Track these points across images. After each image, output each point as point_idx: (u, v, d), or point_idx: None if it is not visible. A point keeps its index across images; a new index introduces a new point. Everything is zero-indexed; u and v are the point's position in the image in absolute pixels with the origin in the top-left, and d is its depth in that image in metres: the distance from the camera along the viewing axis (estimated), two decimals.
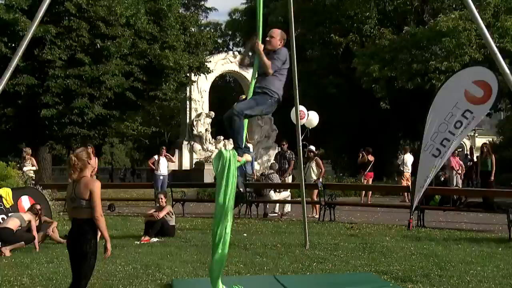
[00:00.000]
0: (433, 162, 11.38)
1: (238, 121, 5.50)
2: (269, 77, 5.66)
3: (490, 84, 10.75)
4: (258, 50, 5.68)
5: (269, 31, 5.90)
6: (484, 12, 22.88)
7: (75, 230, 4.80)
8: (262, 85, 5.65)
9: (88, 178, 4.85)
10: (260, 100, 5.62)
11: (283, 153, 16.24)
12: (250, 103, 5.62)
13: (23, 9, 18.42)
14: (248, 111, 5.61)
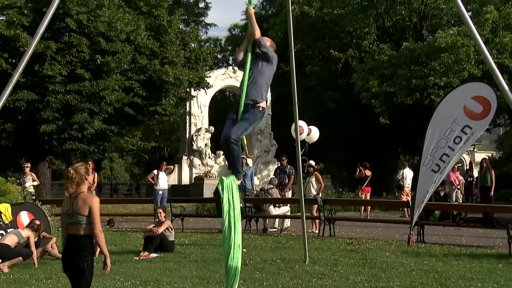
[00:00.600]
0: (433, 177, 11.37)
1: (237, 148, 5.51)
2: (258, 82, 5.66)
3: (489, 99, 10.78)
4: (249, 13, 5.76)
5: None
6: (482, 28, 23.00)
7: (72, 246, 4.76)
8: (253, 92, 5.62)
9: (86, 194, 4.83)
10: (251, 118, 5.61)
11: (283, 168, 16.24)
12: (243, 126, 5.59)
13: (24, 25, 18.51)
14: (244, 134, 5.65)
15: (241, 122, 5.58)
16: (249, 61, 5.70)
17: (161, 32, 22.53)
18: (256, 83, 5.65)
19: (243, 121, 5.59)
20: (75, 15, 18.77)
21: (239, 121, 5.58)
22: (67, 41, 19.21)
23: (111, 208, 19.34)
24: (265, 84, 5.72)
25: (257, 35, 5.69)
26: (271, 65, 5.76)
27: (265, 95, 5.75)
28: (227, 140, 5.46)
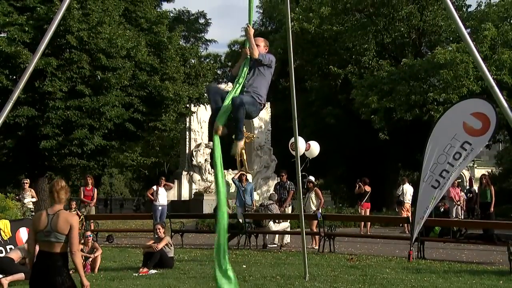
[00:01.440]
0: (433, 193, 11.37)
1: (243, 112, 5.60)
2: (258, 82, 5.81)
3: (488, 116, 10.81)
4: (248, 34, 5.88)
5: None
6: (481, 45, 23.13)
7: (49, 265, 4.69)
8: (252, 86, 5.78)
9: (66, 212, 4.81)
10: (253, 101, 5.73)
11: (283, 183, 16.25)
12: (249, 100, 5.68)
13: (25, 42, 18.59)
14: (247, 107, 5.65)
15: (247, 96, 5.70)
16: (245, 72, 5.82)
17: (161, 48, 22.62)
18: (255, 83, 5.80)
19: (248, 96, 5.71)
20: (76, 32, 18.84)
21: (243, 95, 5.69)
22: (68, 57, 19.26)
23: (111, 224, 19.30)
24: (265, 86, 5.88)
25: (256, 55, 5.80)
26: (270, 68, 5.93)
27: (263, 95, 5.86)
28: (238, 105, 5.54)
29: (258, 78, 5.84)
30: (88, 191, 17.02)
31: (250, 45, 5.81)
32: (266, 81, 5.90)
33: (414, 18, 28.03)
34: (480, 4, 27.65)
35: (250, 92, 5.75)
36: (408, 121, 24.89)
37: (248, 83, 5.79)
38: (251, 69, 5.85)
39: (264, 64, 5.84)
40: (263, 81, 5.86)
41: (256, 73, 5.84)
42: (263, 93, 5.84)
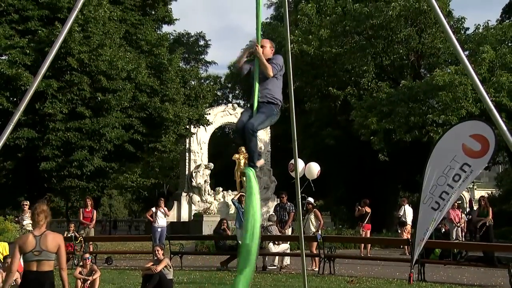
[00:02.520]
0: (433, 215, 11.34)
1: (255, 139, 5.67)
2: (271, 84, 5.84)
3: (487, 137, 10.83)
4: (258, 54, 5.86)
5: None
6: (479, 67, 23.24)
7: (44, 283, 4.93)
8: (266, 93, 5.80)
9: (52, 233, 5.02)
10: (268, 111, 5.77)
11: (283, 205, 16.21)
12: (261, 118, 5.73)
13: (26, 65, 18.69)
14: (261, 126, 5.75)
15: (258, 115, 5.72)
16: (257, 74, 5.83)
17: (162, 70, 22.77)
18: (268, 85, 5.82)
19: (259, 113, 5.72)
20: (76, 54, 18.98)
21: (256, 114, 5.71)
22: (69, 79, 19.37)
23: (110, 246, 19.20)
24: (279, 86, 5.90)
25: (271, 75, 5.82)
26: (281, 70, 5.96)
27: (279, 96, 5.89)
28: (244, 130, 5.59)
29: (272, 80, 5.87)
30: (88, 213, 16.96)
31: (263, 65, 5.81)
32: (280, 81, 5.94)
33: (412, 40, 28.22)
34: (478, 27, 27.86)
35: (265, 99, 5.77)
36: (408, 143, 24.91)
37: (262, 87, 5.82)
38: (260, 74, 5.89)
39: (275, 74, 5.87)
40: (277, 82, 5.90)
41: (269, 79, 5.85)
42: (279, 95, 5.89)
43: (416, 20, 27.88)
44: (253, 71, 5.95)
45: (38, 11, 19.53)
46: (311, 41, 29.75)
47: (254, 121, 5.65)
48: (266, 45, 6.01)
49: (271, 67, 5.84)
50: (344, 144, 30.31)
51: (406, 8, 26.73)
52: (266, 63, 5.82)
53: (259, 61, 5.89)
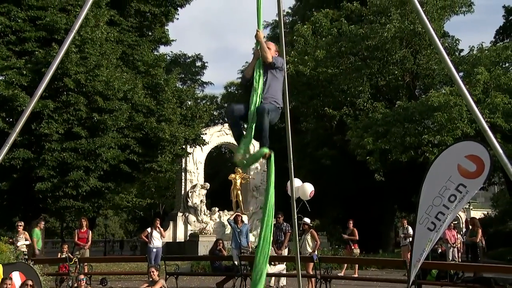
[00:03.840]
0: (429, 235, 11.31)
1: (268, 120, 5.74)
2: (274, 90, 5.97)
3: (482, 158, 10.84)
4: (259, 38, 5.99)
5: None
6: (474, 89, 23.42)
7: None
8: (269, 93, 5.92)
9: None
10: (274, 108, 5.89)
11: (279, 225, 16.15)
12: (271, 107, 5.83)
13: (22, 85, 18.71)
14: (270, 113, 5.80)
15: (269, 104, 5.82)
16: (260, 75, 5.94)
17: (158, 91, 22.83)
18: (271, 89, 5.94)
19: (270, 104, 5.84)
20: (73, 75, 19.02)
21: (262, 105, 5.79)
22: (65, 100, 19.38)
23: (105, 267, 19.07)
24: (279, 89, 6.05)
25: (270, 59, 5.94)
26: (282, 70, 6.09)
27: (280, 100, 6.04)
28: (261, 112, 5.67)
29: (273, 83, 5.99)
30: (83, 233, 16.87)
31: (263, 49, 5.92)
32: (280, 84, 6.08)
33: (407, 61, 28.44)
34: (472, 49, 28.13)
35: (268, 99, 5.89)
36: (404, 163, 24.96)
37: (266, 92, 5.91)
38: (264, 73, 5.98)
39: (277, 67, 5.99)
40: (278, 85, 6.03)
41: (270, 78, 5.98)
42: (280, 98, 6.03)
43: (411, 42, 28.14)
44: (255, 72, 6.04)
45: (35, 32, 19.62)
46: (307, 62, 29.95)
47: (268, 107, 5.76)
48: (271, 47, 6.13)
49: (272, 56, 5.96)
50: (340, 164, 30.34)
51: (401, 30, 27.00)
52: (266, 48, 5.93)
53: (259, 45, 6.00)
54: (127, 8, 24.77)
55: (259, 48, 6.02)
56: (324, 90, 31.35)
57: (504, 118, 23.41)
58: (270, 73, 5.98)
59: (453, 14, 29.81)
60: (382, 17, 28.46)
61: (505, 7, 36.73)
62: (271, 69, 6.00)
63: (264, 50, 5.93)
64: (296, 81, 30.19)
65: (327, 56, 29.91)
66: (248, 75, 6.11)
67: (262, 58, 5.95)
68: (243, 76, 6.34)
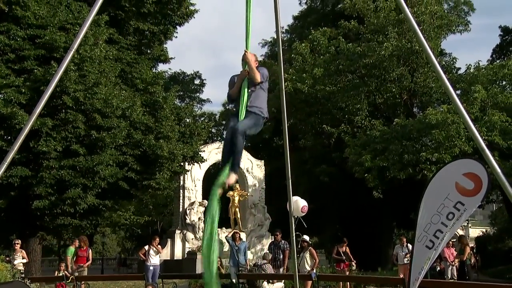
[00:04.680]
0: (427, 253, 11.28)
1: (242, 141, 5.79)
2: (259, 100, 6.07)
3: (479, 176, 10.85)
4: (247, 59, 6.09)
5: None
6: (471, 107, 23.51)
7: None
8: (254, 105, 6.02)
9: None
10: (256, 120, 5.97)
11: (277, 243, 16.12)
12: (249, 123, 5.91)
13: (21, 103, 18.72)
14: (248, 130, 5.89)
15: (248, 119, 5.92)
16: (246, 94, 6.04)
17: (157, 108, 22.87)
18: (255, 98, 6.05)
19: (247, 119, 5.92)
20: (72, 93, 19.04)
21: (243, 119, 5.88)
22: (63, 117, 19.37)
23: (102, 285, 18.94)
24: (265, 100, 6.16)
25: (259, 79, 6.08)
26: (266, 82, 6.19)
27: (266, 109, 6.12)
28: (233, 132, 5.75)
29: (259, 93, 6.11)
30: (83, 252, 16.78)
31: (252, 70, 6.06)
32: (265, 94, 6.19)
33: (405, 79, 28.60)
34: (469, 67, 28.31)
35: (253, 109, 5.99)
36: (402, 180, 24.97)
37: (251, 102, 6.04)
38: (250, 88, 6.10)
39: (263, 82, 6.13)
40: (264, 95, 6.15)
41: (257, 90, 6.10)
42: (264, 106, 6.12)
43: (408, 60, 28.32)
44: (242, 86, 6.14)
45: (34, 50, 19.67)
46: (305, 79, 30.10)
47: (243, 124, 5.84)
48: (252, 58, 6.22)
49: (259, 74, 6.09)
50: (339, 181, 30.36)
51: (398, 48, 27.18)
52: (255, 68, 6.07)
53: (248, 66, 6.09)
54: (126, 26, 24.91)
55: (248, 69, 6.11)
56: (322, 107, 31.47)
57: (502, 136, 23.47)
58: (255, 89, 6.12)
59: (450, 33, 30.06)
60: (379, 35, 28.67)
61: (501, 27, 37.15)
62: (257, 85, 6.14)
63: (253, 71, 6.04)
64: (294, 99, 30.32)
65: (325, 74, 30.07)
66: (235, 95, 6.20)
67: (252, 78, 6.05)
68: (229, 95, 6.39)
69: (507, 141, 23.38)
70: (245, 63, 6.16)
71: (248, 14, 6.31)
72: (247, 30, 6.34)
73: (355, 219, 31.17)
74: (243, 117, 5.95)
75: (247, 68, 6.12)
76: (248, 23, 6.33)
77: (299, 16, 43.77)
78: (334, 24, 33.89)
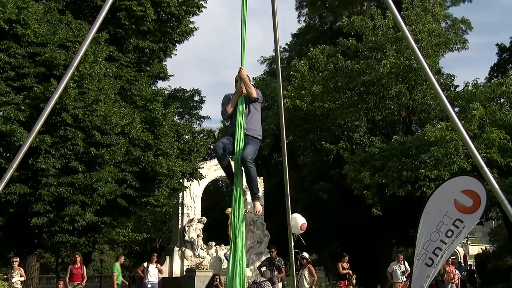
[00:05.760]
0: (426, 271, 11.26)
1: (254, 169, 6.03)
2: (255, 123, 6.30)
3: (478, 193, 10.89)
4: (243, 76, 6.24)
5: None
6: (470, 124, 23.56)
7: None
8: (252, 127, 6.24)
9: None
10: (257, 145, 6.20)
11: (271, 259, 15.97)
12: (254, 149, 6.12)
13: (20, 120, 18.74)
14: (254, 156, 6.12)
15: (250, 146, 6.11)
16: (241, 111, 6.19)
17: (156, 125, 22.90)
18: (252, 121, 6.25)
19: (250, 145, 6.11)
20: (71, 110, 19.08)
21: (245, 146, 6.05)
22: (63, 134, 19.37)
23: None
24: (259, 120, 6.40)
25: (255, 95, 6.27)
26: (259, 102, 6.40)
27: (260, 130, 6.37)
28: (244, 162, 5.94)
29: (255, 116, 6.32)
30: (77, 269, 16.66)
31: (248, 86, 6.21)
32: (259, 114, 6.42)
33: (403, 96, 28.68)
34: (467, 85, 28.43)
35: (251, 132, 6.18)
36: (401, 197, 24.93)
37: (248, 123, 6.15)
38: (245, 106, 6.20)
39: (258, 100, 6.32)
40: (258, 116, 6.37)
41: (252, 111, 6.30)
42: (260, 128, 6.38)
43: (407, 77, 28.44)
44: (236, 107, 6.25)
45: (34, 68, 19.74)
46: (304, 96, 30.19)
47: (250, 152, 6.02)
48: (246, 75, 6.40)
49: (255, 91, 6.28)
50: (338, 198, 30.31)
51: (396, 65, 27.31)
52: (251, 85, 6.22)
53: (244, 83, 6.19)
54: (126, 44, 25.05)
55: (244, 85, 6.21)
56: (321, 124, 31.54)
57: (501, 153, 23.49)
58: (251, 107, 6.24)
59: (448, 50, 30.23)
60: (377, 53, 28.82)
61: (498, 45, 37.42)
62: (252, 102, 6.25)
63: (250, 87, 6.17)
64: (293, 116, 30.39)
65: (323, 91, 30.17)
66: (230, 111, 6.29)
67: (248, 94, 6.16)
68: (225, 111, 6.44)
69: (506, 159, 23.40)
70: (240, 79, 6.26)
71: (243, 32, 6.40)
72: (242, 47, 6.44)
73: (354, 236, 31.06)
74: (241, 138, 6.06)
75: (242, 85, 6.22)
76: (243, 40, 6.42)
77: (298, 33, 44.08)
78: (332, 41, 34.09)
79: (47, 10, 21.63)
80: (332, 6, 40.76)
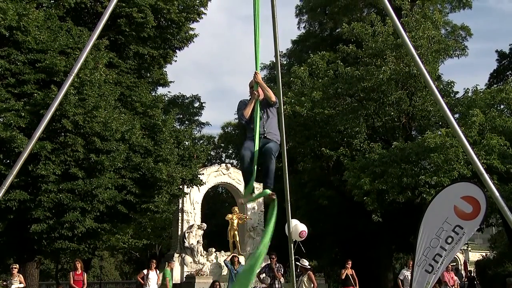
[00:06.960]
0: (426, 278, 11.26)
1: (274, 161, 6.12)
2: (272, 123, 6.37)
3: (478, 199, 10.91)
4: (259, 80, 6.26)
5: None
6: (469, 130, 23.55)
7: None
8: (270, 131, 6.31)
9: None
10: (277, 146, 6.28)
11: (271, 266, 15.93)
12: (276, 147, 6.23)
13: (20, 127, 18.75)
14: (276, 153, 6.21)
15: (273, 143, 6.21)
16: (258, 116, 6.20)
17: (156, 131, 22.93)
18: (270, 126, 6.32)
19: (273, 143, 6.22)
20: (71, 116, 19.09)
21: (268, 143, 6.16)
22: (63, 141, 19.39)
23: None
24: (276, 125, 6.46)
25: (274, 98, 6.33)
26: (276, 106, 6.47)
27: (279, 134, 6.45)
28: (267, 153, 6.02)
29: (273, 121, 6.37)
30: (78, 276, 16.64)
31: (266, 90, 6.27)
32: (276, 119, 6.48)
33: (403, 103, 28.68)
34: (467, 91, 28.43)
35: (270, 136, 6.26)
36: (401, 203, 24.89)
37: (266, 128, 6.17)
38: (262, 110, 6.22)
39: (275, 104, 6.38)
40: (275, 121, 6.43)
41: (270, 116, 6.36)
42: (278, 133, 6.45)
43: (407, 84, 28.44)
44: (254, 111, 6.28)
45: (34, 74, 19.77)
46: (303, 103, 30.19)
47: (273, 147, 6.14)
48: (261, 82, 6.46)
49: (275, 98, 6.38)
50: (338, 204, 30.28)
51: (396, 72, 27.32)
52: (268, 88, 6.25)
53: (261, 87, 6.20)
54: (126, 50, 25.12)
55: (261, 89, 6.21)
56: (320, 130, 31.52)
57: (501, 160, 23.47)
58: (269, 111, 6.26)
59: (447, 57, 30.25)
60: (377, 59, 28.84)
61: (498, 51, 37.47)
62: (269, 107, 6.25)
63: (268, 91, 6.21)
64: (293, 122, 30.39)
65: (323, 97, 30.17)
66: (248, 116, 6.27)
67: (267, 98, 6.20)
68: (242, 116, 6.44)
69: (506, 165, 23.38)
70: (256, 84, 6.26)
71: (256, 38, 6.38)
72: (256, 52, 6.40)
73: (354, 242, 31.01)
74: (258, 141, 6.13)
75: (259, 89, 6.22)
76: (257, 46, 6.40)
77: (297, 40, 44.16)
78: (332, 48, 34.13)
79: (47, 17, 21.70)
80: (332, 13, 40.84)
